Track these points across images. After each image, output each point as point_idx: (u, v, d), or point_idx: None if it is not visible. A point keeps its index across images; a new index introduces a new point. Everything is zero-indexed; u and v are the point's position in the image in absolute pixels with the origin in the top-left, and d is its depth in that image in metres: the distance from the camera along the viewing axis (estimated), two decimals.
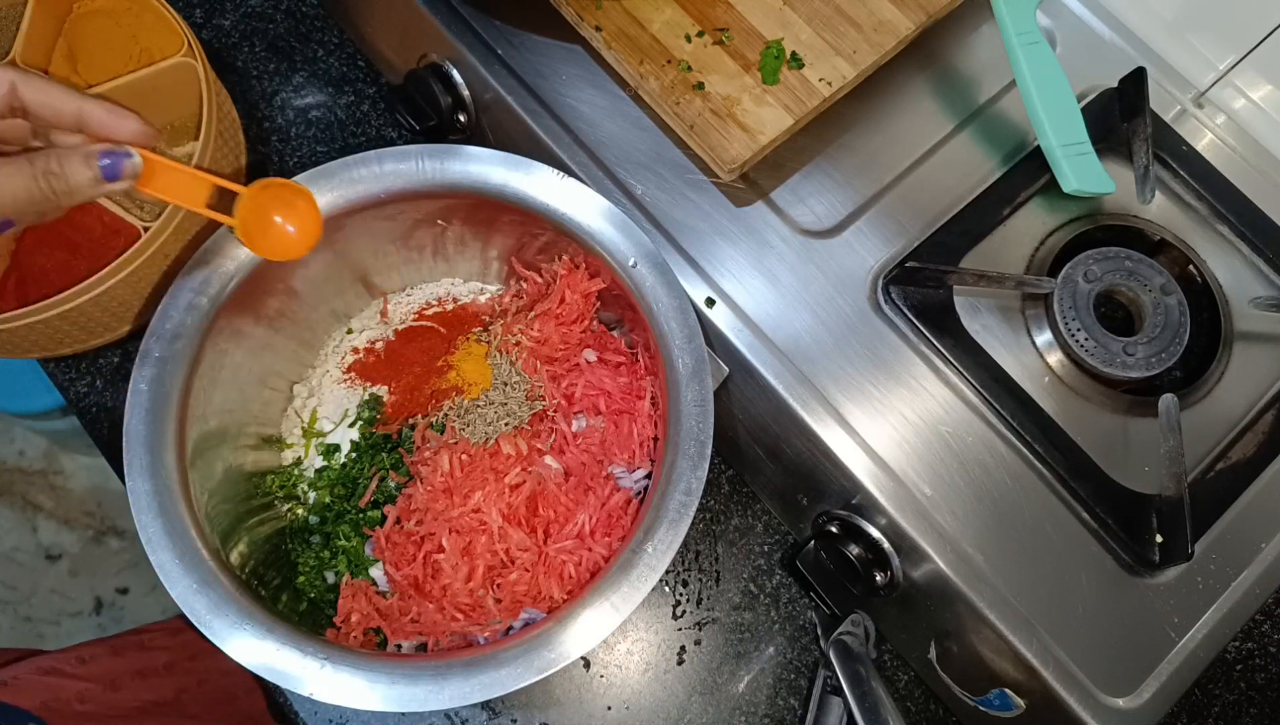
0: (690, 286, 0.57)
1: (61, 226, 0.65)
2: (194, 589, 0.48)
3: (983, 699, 0.57)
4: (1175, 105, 0.67)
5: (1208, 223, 0.63)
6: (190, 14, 0.80)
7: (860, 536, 0.57)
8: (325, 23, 0.81)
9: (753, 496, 0.69)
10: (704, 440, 0.53)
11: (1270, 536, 0.56)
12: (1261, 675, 0.66)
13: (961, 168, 0.63)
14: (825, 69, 0.60)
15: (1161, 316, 0.58)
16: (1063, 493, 0.55)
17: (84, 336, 0.65)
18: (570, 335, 0.63)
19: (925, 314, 0.58)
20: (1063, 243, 0.61)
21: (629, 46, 0.60)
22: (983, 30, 0.67)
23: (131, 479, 0.50)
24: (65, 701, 0.71)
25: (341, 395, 0.66)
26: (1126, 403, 0.58)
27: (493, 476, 0.59)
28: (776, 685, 0.65)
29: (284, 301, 0.61)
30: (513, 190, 0.58)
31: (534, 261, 0.65)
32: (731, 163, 0.57)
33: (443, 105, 0.66)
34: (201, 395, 0.55)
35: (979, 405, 0.56)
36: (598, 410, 0.62)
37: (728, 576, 0.67)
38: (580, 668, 0.64)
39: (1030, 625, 0.52)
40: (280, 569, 0.59)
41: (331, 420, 0.65)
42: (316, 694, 0.47)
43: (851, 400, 0.56)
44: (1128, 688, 0.51)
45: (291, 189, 0.49)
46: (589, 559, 0.56)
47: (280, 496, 0.63)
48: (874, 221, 0.61)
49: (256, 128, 0.77)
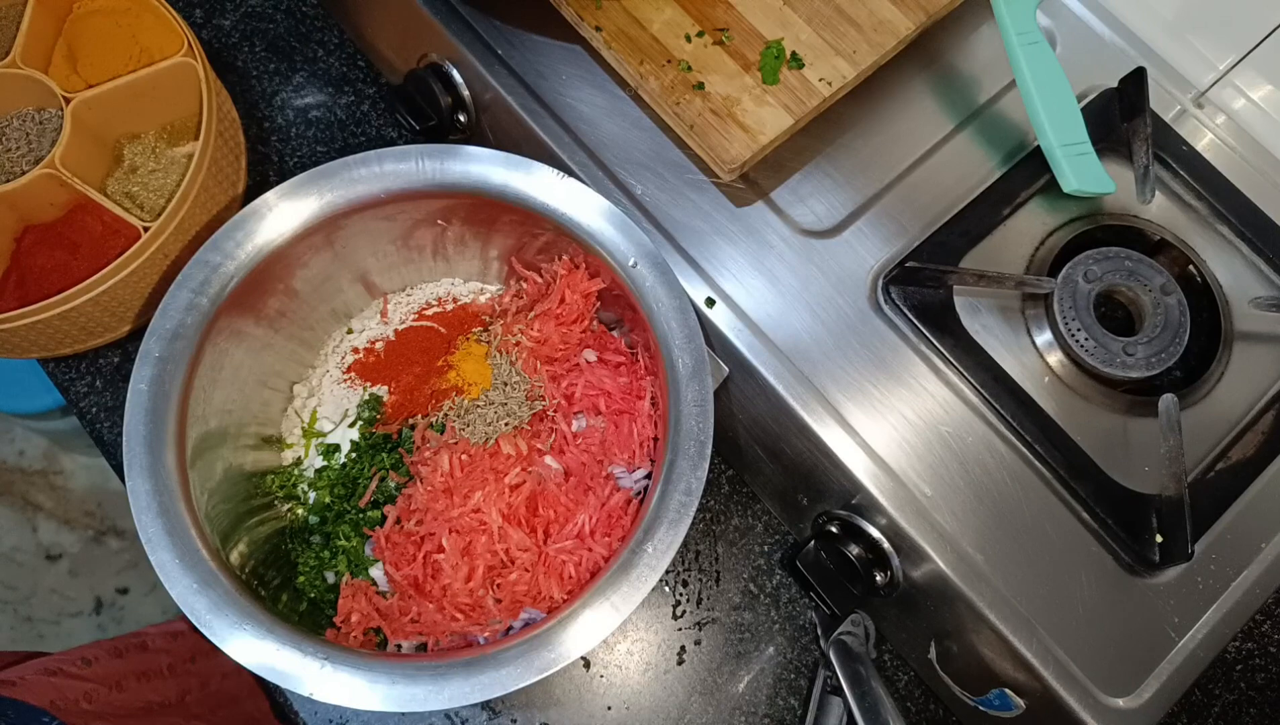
0: (690, 286, 0.57)
1: (61, 226, 0.65)
2: (194, 589, 0.48)
3: (983, 699, 0.57)
4: (1175, 105, 0.67)
5: (1208, 223, 0.63)
6: (190, 14, 0.80)
7: (860, 536, 0.57)
8: (325, 23, 0.81)
9: (753, 496, 0.69)
10: (704, 440, 0.53)
11: (1270, 536, 0.56)
12: (1261, 675, 0.66)
13: (961, 168, 0.62)
14: (825, 69, 0.60)
15: (1161, 316, 0.58)
16: (1063, 493, 0.55)
17: (84, 336, 0.65)
18: (570, 335, 0.63)
19: (925, 314, 0.58)
20: (1063, 243, 0.60)
21: (629, 46, 0.60)
22: (983, 30, 0.67)
23: (131, 479, 0.50)
24: (73, 701, 0.71)
25: (341, 395, 0.66)
26: (1126, 403, 0.58)
27: (493, 476, 0.59)
28: (776, 685, 0.65)
29: (284, 301, 0.61)
30: (513, 190, 0.58)
31: (534, 261, 0.65)
32: (731, 163, 0.57)
33: (443, 105, 0.66)
34: (201, 395, 0.55)
35: (979, 405, 0.56)
36: (598, 410, 0.62)
37: (728, 576, 0.67)
38: (580, 668, 0.64)
39: (1030, 625, 0.52)
40: (280, 569, 0.59)
41: (331, 420, 0.65)
42: (316, 694, 0.47)
43: (851, 400, 0.56)
44: (1128, 688, 0.51)
45: None
46: (589, 559, 0.56)
47: (280, 496, 0.63)
48: (874, 221, 0.61)
49: (256, 128, 0.77)
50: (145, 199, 0.66)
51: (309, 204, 0.57)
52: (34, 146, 0.65)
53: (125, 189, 0.66)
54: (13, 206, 0.63)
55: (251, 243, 0.56)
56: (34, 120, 0.66)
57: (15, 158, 0.64)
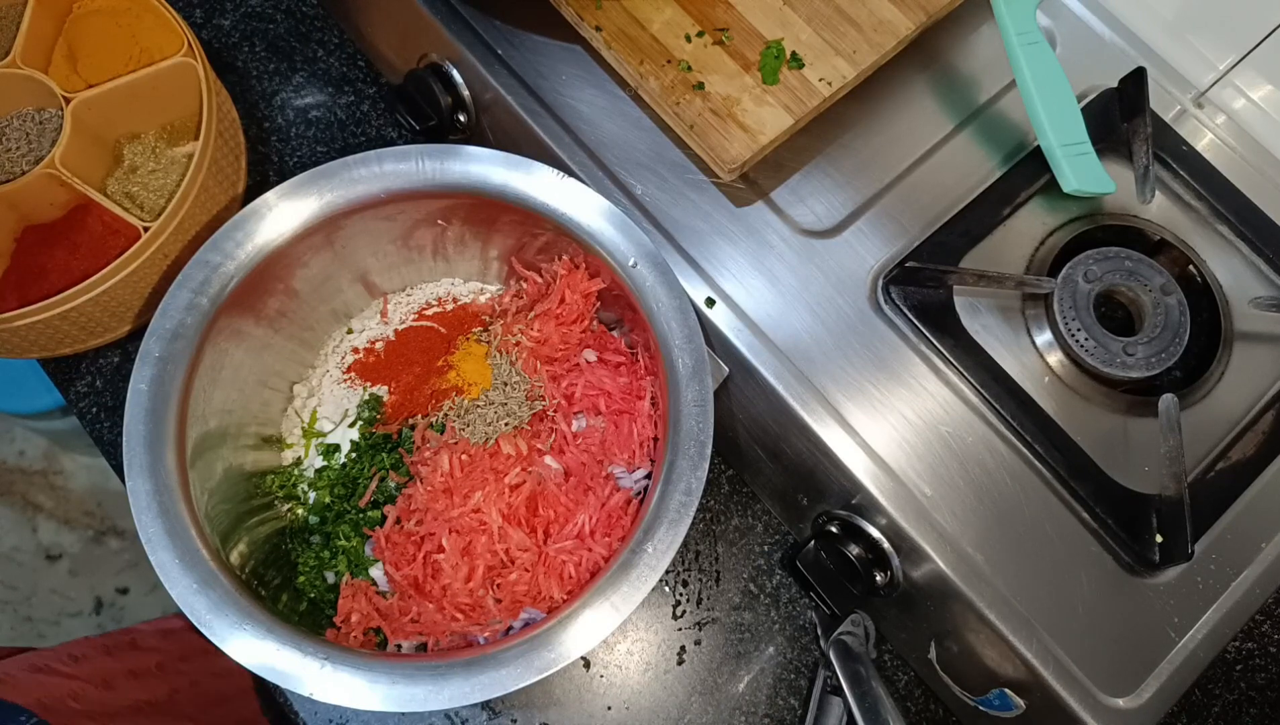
0: (690, 286, 0.57)
1: (61, 226, 0.65)
2: (194, 589, 0.48)
3: (983, 699, 0.57)
4: (1175, 105, 0.67)
5: (1208, 223, 0.63)
6: (190, 14, 0.80)
7: (860, 536, 0.57)
8: (325, 23, 0.81)
9: (753, 496, 0.69)
10: (704, 440, 0.53)
11: (1270, 536, 0.56)
12: (1261, 675, 0.66)
13: (961, 168, 0.62)
14: (825, 69, 0.60)
15: (1161, 316, 0.58)
16: (1063, 493, 0.55)
17: (84, 336, 0.65)
18: (570, 335, 0.63)
19: (925, 314, 0.58)
20: (1063, 243, 0.60)
21: (629, 46, 0.60)
22: (983, 30, 0.67)
23: (131, 479, 0.50)
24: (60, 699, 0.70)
25: (341, 395, 0.66)
26: (1126, 403, 0.58)
27: (493, 476, 0.59)
28: (776, 685, 0.65)
29: (284, 301, 0.61)
30: (513, 190, 0.58)
31: (534, 261, 0.65)
32: (731, 163, 0.57)
33: (443, 105, 0.66)
34: (201, 395, 0.55)
35: (979, 405, 0.56)
36: (598, 410, 0.62)
37: (728, 576, 0.67)
38: (580, 668, 0.64)
39: (1030, 625, 0.52)
40: (280, 569, 0.59)
41: (331, 420, 0.65)
42: (316, 694, 0.47)
43: (851, 400, 0.56)
44: (1128, 688, 0.51)
45: None
46: (589, 559, 0.56)
47: (280, 496, 0.63)
48: (874, 221, 0.61)
49: (256, 128, 0.77)
50: (145, 199, 0.66)
51: (309, 204, 0.57)
52: (34, 146, 0.65)
53: (125, 189, 0.66)
54: (13, 206, 0.63)
55: (251, 243, 0.56)
56: (34, 120, 0.66)
57: (15, 158, 0.64)
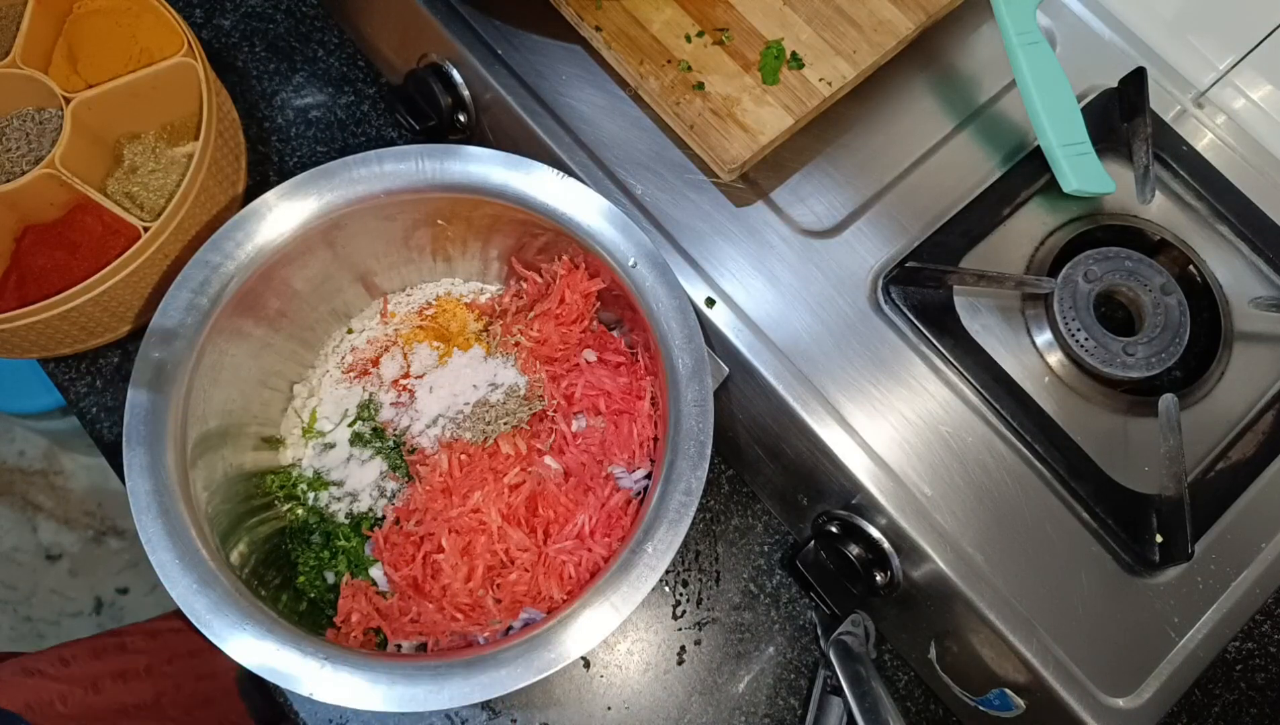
0: (690, 286, 0.57)
1: (61, 226, 0.65)
2: (194, 589, 0.48)
3: (983, 699, 0.57)
4: (1175, 105, 0.67)
5: (1208, 223, 0.63)
6: (190, 14, 0.80)
7: (860, 536, 0.57)
8: (325, 23, 0.81)
9: (753, 496, 0.69)
10: (704, 440, 0.53)
11: (1270, 536, 0.56)
12: (1261, 675, 0.66)
13: (961, 168, 0.62)
14: (825, 69, 0.60)
15: (1161, 316, 0.58)
16: (1063, 493, 0.55)
17: (84, 336, 0.65)
18: (570, 335, 0.63)
19: (925, 314, 0.58)
20: (1063, 243, 0.60)
21: (629, 46, 0.60)
22: (983, 30, 0.67)
23: (131, 479, 0.50)
24: (47, 703, 0.72)
25: (341, 395, 0.66)
26: (1126, 403, 0.58)
27: (492, 476, 0.59)
28: (776, 685, 0.65)
29: (284, 301, 0.61)
30: (513, 190, 0.58)
31: (534, 261, 0.65)
32: (731, 163, 0.57)
33: (443, 105, 0.66)
34: (201, 395, 0.55)
35: (979, 405, 0.56)
36: (597, 410, 0.62)
37: (728, 576, 0.67)
38: (580, 668, 0.64)
39: (1030, 625, 0.52)
40: (280, 569, 0.59)
41: (331, 420, 0.65)
42: (316, 694, 0.47)
43: (851, 400, 0.56)
44: (1128, 688, 0.51)
45: None
46: (589, 559, 0.56)
47: (280, 496, 0.63)
48: (874, 221, 0.61)
49: (256, 128, 0.77)
50: (145, 199, 0.66)
51: (309, 204, 0.57)
52: (34, 146, 0.65)
53: (125, 189, 0.66)
54: (13, 206, 0.63)
55: (251, 243, 0.56)
56: (34, 120, 0.66)
57: (15, 158, 0.64)
